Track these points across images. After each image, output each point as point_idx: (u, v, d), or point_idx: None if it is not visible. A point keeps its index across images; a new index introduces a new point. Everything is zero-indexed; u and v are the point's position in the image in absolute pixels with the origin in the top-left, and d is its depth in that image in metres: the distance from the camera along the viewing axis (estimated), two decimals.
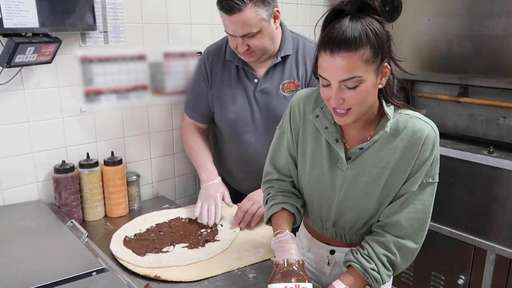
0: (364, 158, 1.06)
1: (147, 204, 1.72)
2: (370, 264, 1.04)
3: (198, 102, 1.69)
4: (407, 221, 1.04)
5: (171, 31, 1.75)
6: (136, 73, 1.69)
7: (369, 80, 0.94)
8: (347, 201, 1.10)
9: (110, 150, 1.62)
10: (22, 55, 1.29)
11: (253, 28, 1.37)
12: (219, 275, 1.20)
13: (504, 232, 1.83)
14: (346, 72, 0.92)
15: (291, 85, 1.53)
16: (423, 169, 1.02)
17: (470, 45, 1.97)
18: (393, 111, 1.04)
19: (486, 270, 1.90)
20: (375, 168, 1.05)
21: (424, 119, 1.04)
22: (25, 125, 1.47)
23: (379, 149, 1.05)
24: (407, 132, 1.02)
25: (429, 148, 1.01)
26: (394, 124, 1.03)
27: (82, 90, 1.56)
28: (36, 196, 1.53)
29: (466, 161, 1.92)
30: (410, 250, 1.06)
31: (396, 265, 1.06)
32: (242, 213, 1.46)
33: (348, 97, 0.95)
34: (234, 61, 1.56)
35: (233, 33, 1.41)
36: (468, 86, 2.06)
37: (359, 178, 1.07)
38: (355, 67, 0.92)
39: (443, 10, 2.05)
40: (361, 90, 0.94)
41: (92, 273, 1.04)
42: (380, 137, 1.04)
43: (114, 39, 1.60)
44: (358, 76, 0.93)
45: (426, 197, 1.04)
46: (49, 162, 1.52)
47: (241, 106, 1.58)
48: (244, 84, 1.57)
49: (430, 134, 1.01)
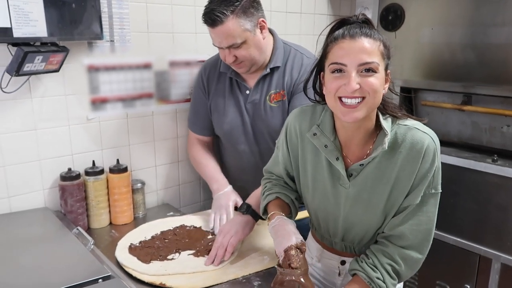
0: (365, 174, 1.05)
1: (152, 212, 1.73)
2: (375, 273, 1.04)
3: (200, 116, 1.70)
4: (411, 232, 1.04)
5: (177, 40, 1.77)
6: (142, 82, 1.70)
7: (381, 74, 0.96)
8: (352, 217, 1.10)
9: (116, 158, 1.63)
10: (30, 64, 1.31)
11: (237, 39, 1.39)
12: (224, 282, 1.21)
13: (509, 241, 1.82)
14: (368, 55, 0.93)
15: (277, 95, 1.53)
16: (425, 181, 1.01)
17: (473, 53, 1.98)
18: (391, 123, 1.04)
19: (491, 279, 1.89)
20: (377, 183, 1.05)
21: (423, 129, 1.02)
22: (32, 133, 1.48)
23: (379, 164, 1.04)
24: (406, 145, 1.01)
25: (430, 160, 1.00)
26: (393, 137, 1.02)
27: (89, 98, 1.58)
28: (42, 204, 1.54)
29: (470, 170, 1.92)
30: (415, 260, 1.06)
31: (401, 274, 1.07)
32: (215, 249, 1.31)
33: (364, 84, 0.94)
34: (228, 72, 1.58)
35: (218, 45, 1.44)
36: (472, 95, 2.07)
37: (362, 194, 1.07)
38: (375, 53, 0.94)
39: (446, 19, 2.07)
40: (376, 78, 0.95)
41: (98, 280, 1.05)
42: (379, 153, 1.02)
43: (121, 48, 1.62)
44: (377, 62, 0.94)
45: (429, 208, 1.03)
46: (55, 169, 1.53)
47: (234, 117, 1.60)
48: (236, 96, 1.59)
49: (430, 146, 1.00)
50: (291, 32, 2.19)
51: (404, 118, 1.05)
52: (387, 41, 0.99)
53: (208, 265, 1.28)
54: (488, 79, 1.94)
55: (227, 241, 1.30)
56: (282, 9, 2.13)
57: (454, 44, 2.04)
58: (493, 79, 1.92)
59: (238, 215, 1.40)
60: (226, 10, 1.35)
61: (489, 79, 1.94)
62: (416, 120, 1.06)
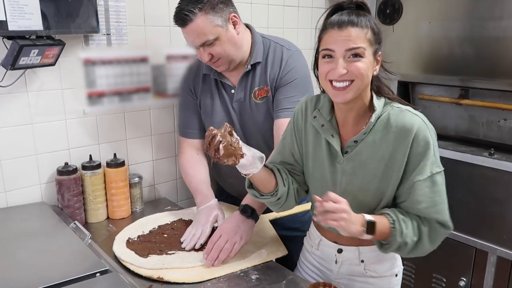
0: (360, 151, 1.10)
1: (149, 206, 1.72)
2: (403, 216, 1.06)
3: (193, 118, 1.65)
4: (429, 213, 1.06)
5: (174, 33, 1.76)
6: (139, 76, 1.70)
7: (368, 58, 1.03)
8: (347, 195, 1.11)
9: (113, 152, 1.62)
10: (26, 58, 1.30)
11: (209, 36, 1.38)
12: (222, 276, 1.21)
13: (505, 234, 1.83)
14: (353, 42, 1.01)
15: (261, 92, 1.52)
16: (426, 158, 1.04)
17: (470, 47, 1.98)
18: (384, 104, 1.09)
19: (487, 272, 1.90)
20: (371, 161, 1.09)
21: (413, 111, 1.07)
22: (29, 127, 1.47)
23: (373, 142, 1.08)
24: (397, 125, 1.05)
25: (425, 139, 1.04)
26: (386, 117, 1.07)
27: (85, 92, 1.57)
28: (39, 198, 1.54)
29: (467, 163, 1.93)
30: (437, 231, 1.07)
31: (423, 236, 1.06)
32: (211, 244, 1.29)
33: (351, 68, 1.02)
34: (211, 74, 1.56)
35: (192, 44, 1.43)
36: (469, 88, 2.07)
37: (357, 171, 1.12)
38: (361, 40, 1.02)
39: (443, 12, 2.06)
40: (363, 63, 1.02)
41: (96, 274, 1.05)
42: (372, 129, 1.08)
43: (117, 42, 1.61)
44: (363, 47, 1.02)
45: (440, 188, 1.07)
46: (52, 164, 1.53)
47: (222, 117, 1.58)
48: (223, 96, 1.58)
49: (421, 127, 1.04)
50: (289, 26, 2.18)
51: (396, 101, 1.10)
52: (377, 26, 1.05)
53: (208, 266, 1.25)
54: (485, 73, 1.94)
55: (231, 246, 1.27)
56: (280, 3, 2.12)
57: (451, 38, 2.04)
58: (491, 73, 1.92)
59: (242, 218, 1.34)
60: (194, 8, 1.34)
61: (486, 73, 1.93)
62: (407, 105, 1.10)
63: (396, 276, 1.22)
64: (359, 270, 1.20)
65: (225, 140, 1.08)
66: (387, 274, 1.20)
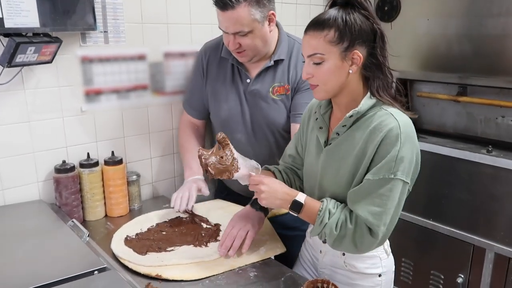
0: (339, 144, 1.13)
1: (148, 204, 1.72)
2: (336, 208, 1.10)
3: (194, 97, 1.70)
4: (363, 212, 1.06)
5: (171, 31, 1.75)
6: (136, 73, 1.69)
7: (331, 60, 1.05)
8: (324, 186, 1.17)
9: (111, 150, 1.62)
10: (22, 55, 1.30)
11: (245, 27, 1.39)
12: (220, 274, 1.21)
13: (503, 231, 1.84)
14: (311, 48, 1.07)
15: (281, 89, 1.53)
16: (385, 162, 1.04)
17: (469, 44, 1.98)
18: (374, 105, 1.09)
19: (485, 269, 1.91)
20: (347, 156, 1.11)
21: (396, 116, 1.05)
22: (26, 125, 1.47)
23: (352, 138, 1.10)
24: (375, 125, 1.06)
25: (392, 143, 1.03)
26: (370, 116, 1.08)
27: (82, 90, 1.57)
28: (36, 196, 1.53)
29: (465, 160, 1.94)
30: (364, 234, 1.06)
31: (346, 235, 1.07)
32: (225, 236, 1.30)
33: (315, 73, 1.08)
34: (229, 59, 1.57)
35: (225, 29, 1.43)
36: (467, 86, 2.08)
37: (332, 163, 1.14)
38: (319, 45, 1.05)
39: (442, 10, 2.06)
40: (324, 68, 1.06)
41: (94, 272, 1.05)
42: (353, 126, 1.10)
43: (114, 39, 1.61)
44: (319, 53, 1.06)
45: (385, 192, 1.04)
46: (49, 162, 1.52)
47: (233, 105, 1.59)
48: (237, 83, 1.58)
49: (394, 130, 1.03)
50: (287, 22, 2.17)
51: (390, 105, 1.08)
52: (348, 21, 1.03)
53: (223, 255, 1.26)
54: (483, 70, 1.94)
55: (245, 233, 1.28)
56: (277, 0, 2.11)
57: (450, 35, 2.04)
58: (489, 70, 1.92)
59: (252, 210, 1.36)
60: None
61: (484, 70, 1.94)
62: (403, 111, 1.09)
63: (379, 276, 1.20)
64: (340, 263, 1.21)
65: (214, 159, 1.15)
66: (367, 272, 1.19)
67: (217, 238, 1.39)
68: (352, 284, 1.21)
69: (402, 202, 1.08)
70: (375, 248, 1.13)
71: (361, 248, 1.09)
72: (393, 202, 1.05)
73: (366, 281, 1.20)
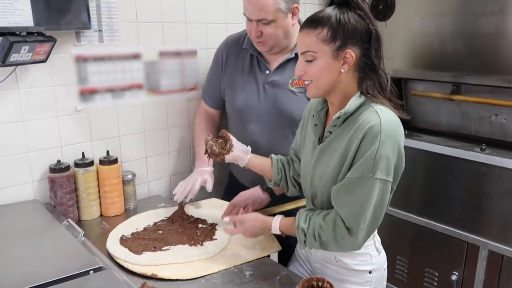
0: (331, 142, 1.14)
1: (143, 203, 1.72)
2: (304, 225, 1.14)
3: (211, 86, 1.75)
4: (341, 210, 1.08)
5: (166, 30, 1.75)
6: (131, 72, 1.69)
7: (323, 59, 1.07)
8: (315, 183, 1.19)
9: (106, 149, 1.62)
10: (16, 54, 1.29)
11: (269, 15, 1.42)
12: (216, 272, 1.21)
13: (496, 228, 1.85)
14: (304, 45, 1.09)
15: (300, 82, 1.54)
16: (364, 161, 1.04)
17: (462, 43, 1.99)
18: (362, 103, 1.09)
19: (479, 266, 1.93)
20: (335, 154, 1.12)
21: (380, 113, 1.05)
22: (20, 124, 1.46)
23: (341, 137, 1.11)
24: (359, 122, 1.06)
25: (372, 141, 1.03)
26: (358, 115, 1.08)
27: (77, 89, 1.56)
28: (31, 196, 1.53)
29: (459, 158, 1.95)
30: (343, 235, 1.08)
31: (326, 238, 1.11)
32: (231, 206, 1.50)
33: (307, 70, 1.10)
34: (250, 50, 1.60)
35: (249, 15, 1.46)
36: (461, 84, 2.08)
37: (322, 160, 1.16)
38: (311, 43, 1.07)
39: (436, 8, 2.07)
40: (315, 65, 1.08)
41: (90, 271, 1.05)
42: (342, 124, 1.11)
43: (109, 38, 1.60)
44: (311, 51, 1.07)
45: (363, 190, 1.05)
46: (44, 161, 1.52)
47: (250, 95, 1.61)
48: (256, 74, 1.61)
49: (375, 127, 1.03)
50: None
51: (379, 103, 1.08)
52: (342, 20, 1.04)
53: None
54: (477, 69, 1.95)
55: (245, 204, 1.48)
56: None
57: (444, 34, 2.05)
58: (482, 68, 1.93)
59: (258, 189, 1.53)
60: None
61: (478, 69, 1.95)
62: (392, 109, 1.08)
63: (370, 273, 1.21)
64: (331, 258, 1.23)
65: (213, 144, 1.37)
66: (358, 268, 1.21)
67: (212, 237, 1.39)
68: (342, 280, 1.22)
69: (386, 200, 1.08)
70: (360, 247, 1.13)
71: (346, 248, 1.12)
72: (372, 201, 1.05)
73: (357, 278, 1.22)
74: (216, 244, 1.35)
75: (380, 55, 1.09)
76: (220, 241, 1.37)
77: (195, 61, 1.87)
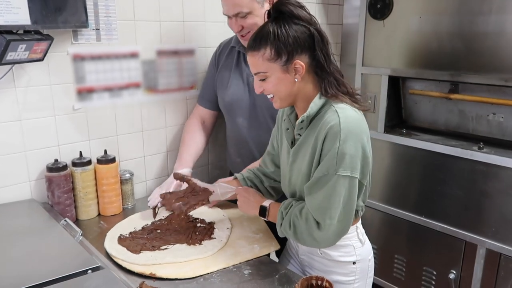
0: (300, 145, 1.18)
1: (141, 202, 1.71)
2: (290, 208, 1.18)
3: (207, 88, 1.78)
4: (310, 205, 1.12)
5: (164, 28, 1.74)
6: (129, 71, 1.68)
7: (274, 75, 1.11)
8: (292, 184, 1.23)
9: (103, 148, 1.61)
10: (13, 53, 1.28)
11: (244, 8, 1.45)
12: (215, 272, 1.21)
13: (494, 227, 1.86)
14: (253, 67, 1.14)
15: None
16: (327, 159, 1.07)
17: (460, 42, 1.99)
18: (324, 104, 1.12)
19: (476, 264, 1.93)
20: (304, 156, 1.16)
21: (340, 112, 1.08)
22: (17, 123, 1.45)
23: (308, 136, 1.15)
24: (321, 123, 1.10)
25: (332, 140, 1.06)
26: (322, 116, 1.11)
27: (75, 88, 1.55)
28: (28, 195, 1.52)
29: (456, 157, 1.95)
30: (314, 229, 1.11)
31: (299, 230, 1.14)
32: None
33: (264, 87, 1.14)
34: (237, 46, 1.65)
35: (226, 12, 1.51)
36: (459, 83, 2.09)
37: (297, 162, 1.19)
38: (258, 64, 1.11)
39: (434, 7, 2.07)
40: (269, 82, 1.12)
41: (88, 271, 1.04)
42: (308, 126, 1.14)
43: (107, 37, 1.59)
44: (262, 72, 1.12)
45: (328, 188, 1.08)
46: (41, 160, 1.51)
47: (236, 89, 1.65)
48: (242, 69, 1.65)
49: (334, 127, 1.06)
50: None
51: (338, 101, 1.11)
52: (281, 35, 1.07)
53: None
54: (475, 68, 1.95)
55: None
56: None
57: (441, 33, 2.05)
58: (480, 67, 1.93)
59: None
60: None
61: (476, 68, 1.95)
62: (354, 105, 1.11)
63: (354, 264, 1.23)
64: (315, 250, 1.25)
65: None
66: (341, 260, 1.23)
67: (211, 236, 1.39)
68: (328, 271, 1.24)
69: (353, 196, 1.10)
70: (334, 242, 1.15)
71: (321, 242, 1.14)
72: (339, 198, 1.08)
73: (341, 269, 1.24)
74: (214, 243, 1.34)
75: (328, 53, 1.12)
76: (218, 240, 1.36)
77: (193, 60, 1.86)
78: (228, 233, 1.40)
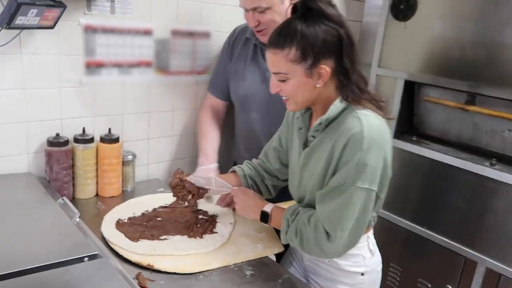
0: (315, 147, 1.11)
1: (141, 186, 1.66)
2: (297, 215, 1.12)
3: (219, 78, 1.70)
4: (322, 214, 1.06)
5: (181, 8, 1.66)
6: (141, 48, 1.61)
7: (296, 78, 1.03)
8: (303, 186, 1.17)
9: (108, 127, 1.54)
10: (23, 17, 1.21)
11: (263, 3, 1.38)
12: (215, 269, 1.16)
13: (497, 246, 1.82)
14: (273, 66, 1.06)
15: None
16: (346, 168, 1.01)
17: (483, 52, 1.92)
18: (344, 108, 1.05)
19: (474, 282, 1.90)
20: (319, 159, 1.10)
21: (363, 120, 1.01)
22: (20, 92, 1.38)
23: (324, 139, 1.08)
24: (342, 128, 1.03)
25: (354, 150, 1.00)
26: (341, 120, 1.05)
27: (83, 60, 1.48)
28: (25, 168, 1.46)
29: (466, 171, 1.90)
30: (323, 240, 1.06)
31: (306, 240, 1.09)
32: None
33: (282, 88, 1.07)
34: (252, 39, 1.58)
35: (243, 5, 1.43)
36: (476, 95, 2.03)
37: (309, 165, 1.14)
38: (280, 64, 1.03)
39: (460, 13, 2.00)
40: (289, 84, 1.05)
41: (84, 258, 0.98)
42: (325, 129, 1.08)
43: (121, 10, 1.52)
44: (282, 73, 1.04)
45: (344, 199, 1.02)
46: (42, 133, 1.44)
47: (252, 83, 1.59)
48: (259, 63, 1.58)
49: (357, 134, 1.00)
50: None
51: (362, 108, 1.04)
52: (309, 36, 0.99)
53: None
54: (495, 80, 1.89)
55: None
56: None
57: (464, 40, 1.98)
58: (501, 80, 1.87)
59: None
60: None
61: (496, 80, 1.89)
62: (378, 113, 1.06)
63: (362, 275, 1.19)
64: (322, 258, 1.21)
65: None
66: (349, 269, 1.19)
67: (213, 230, 1.33)
68: (334, 280, 1.20)
69: (368, 209, 1.05)
70: (342, 254, 1.10)
71: (328, 253, 1.08)
72: (353, 209, 1.02)
73: (348, 279, 1.19)
74: (216, 238, 1.29)
75: (354, 59, 1.04)
76: (220, 235, 1.31)
77: (208, 43, 1.79)
78: (231, 228, 1.35)
